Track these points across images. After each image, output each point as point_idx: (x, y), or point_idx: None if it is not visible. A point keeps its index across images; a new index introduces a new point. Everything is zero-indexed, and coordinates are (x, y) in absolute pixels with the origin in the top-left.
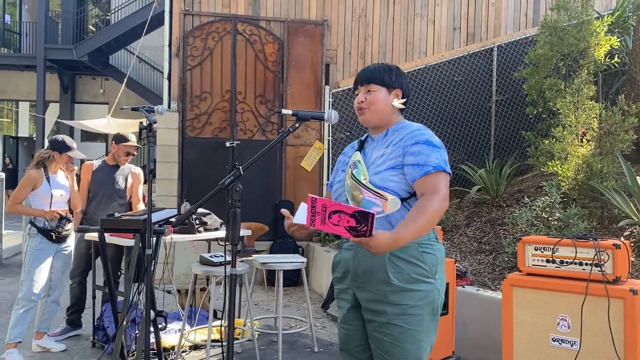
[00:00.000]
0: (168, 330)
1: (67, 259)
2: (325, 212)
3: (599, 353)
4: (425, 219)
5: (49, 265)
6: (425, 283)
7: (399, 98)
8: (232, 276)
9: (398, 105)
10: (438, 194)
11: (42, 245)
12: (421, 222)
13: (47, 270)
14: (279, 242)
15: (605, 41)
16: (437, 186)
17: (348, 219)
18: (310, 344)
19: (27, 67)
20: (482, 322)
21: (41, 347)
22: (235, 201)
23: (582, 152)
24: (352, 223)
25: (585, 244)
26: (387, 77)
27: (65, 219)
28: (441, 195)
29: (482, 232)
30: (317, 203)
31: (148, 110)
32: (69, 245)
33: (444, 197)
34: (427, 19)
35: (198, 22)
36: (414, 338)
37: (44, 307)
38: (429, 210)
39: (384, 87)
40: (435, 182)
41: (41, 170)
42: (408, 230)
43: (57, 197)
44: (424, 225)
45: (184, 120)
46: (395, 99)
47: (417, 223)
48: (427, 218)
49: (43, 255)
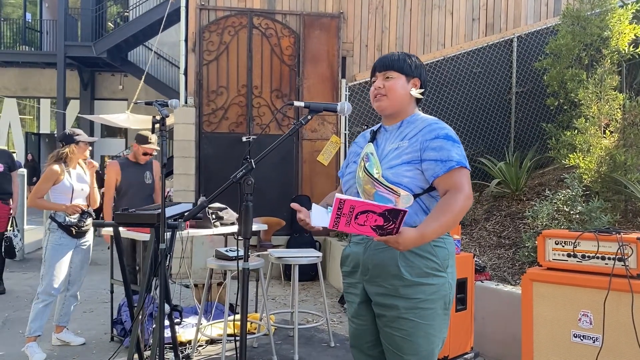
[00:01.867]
0: (185, 325)
1: (86, 253)
2: (352, 213)
3: (622, 350)
4: (451, 217)
5: (68, 260)
6: (437, 277)
7: (417, 88)
8: (244, 270)
9: (416, 95)
10: (463, 192)
11: (62, 240)
12: (446, 220)
13: (67, 265)
14: (296, 236)
15: (630, 30)
16: (461, 184)
17: (376, 218)
18: (326, 339)
19: (47, 64)
20: (502, 317)
21: (61, 341)
22: (247, 195)
23: (605, 143)
24: (379, 222)
25: (607, 237)
26: (406, 65)
27: (86, 214)
28: (466, 194)
29: (502, 226)
30: (345, 205)
31: (161, 105)
32: (87, 240)
33: (469, 195)
34: (445, 10)
35: (214, 17)
36: (426, 332)
37: (63, 301)
38: (454, 208)
39: (403, 74)
40: (459, 179)
41: (62, 165)
42: (433, 227)
43: (78, 192)
44: (449, 223)
45: (201, 116)
46: (414, 88)
47: (442, 220)
48: (452, 215)
49: (63, 250)
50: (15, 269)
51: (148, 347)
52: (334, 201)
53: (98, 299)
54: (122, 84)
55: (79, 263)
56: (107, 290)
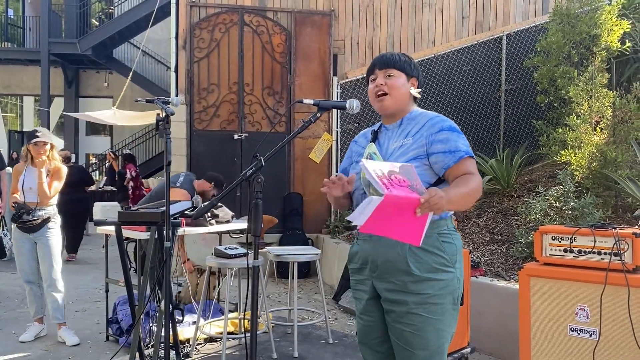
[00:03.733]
0: (183, 323)
1: (44, 248)
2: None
3: (618, 343)
4: (470, 190)
5: (30, 254)
6: (445, 272)
7: (415, 87)
8: (254, 268)
9: (415, 94)
10: (477, 176)
11: (16, 234)
12: (466, 191)
13: (28, 258)
14: (289, 234)
15: (618, 26)
16: (473, 170)
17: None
18: (324, 336)
19: (31, 61)
20: (497, 312)
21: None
22: (257, 192)
23: (595, 140)
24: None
25: (604, 233)
26: (406, 64)
27: (23, 209)
28: (480, 179)
29: (494, 223)
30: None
31: (164, 102)
32: (42, 235)
33: (481, 180)
34: (435, 8)
35: (205, 14)
36: (435, 327)
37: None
38: (471, 186)
39: (404, 73)
40: (469, 168)
41: (25, 163)
42: (455, 192)
43: (27, 190)
44: (467, 195)
45: (192, 113)
46: (412, 87)
47: (463, 190)
48: (470, 189)
49: (18, 244)
50: (4, 269)
51: (146, 346)
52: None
53: (90, 299)
54: (107, 82)
55: (41, 257)
56: (99, 290)
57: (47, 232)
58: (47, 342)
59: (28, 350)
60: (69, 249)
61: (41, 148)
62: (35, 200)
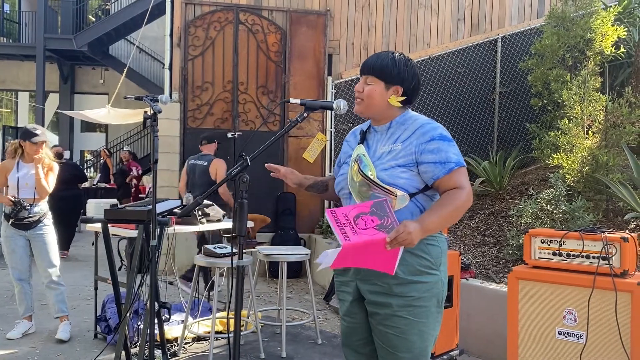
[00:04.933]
0: (171, 322)
1: (40, 244)
2: (349, 220)
3: (605, 347)
4: (450, 211)
5: (22, 250)
6: (430, 275)
7: (398, 95)
8: (239, 268)
9: (394, 104)
10: (465, 190)
11: (7, 231)
12: (446, 213)
13: (21, 255)
14: (281, 233)
15: (612, 31)
16: (462, 182)
17: (371, 219)
18: (313, 336)
19: (26, 57)
20: (487, 314)
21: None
22: (242, 192)
23: (587, 144)
24: (376, 221)
25: (592, 236)
26: (387, 71)
27: (20, 206)
28: (468, 191)
29: (486, 225)
30: (338, 214)
31: (152, 100)
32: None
33: (470, 192)
34: (431, 9)
35: (200, 12)
36: (419, 330)
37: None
38: (456, 203)
39: (382, 81)
40: (459, 179)
41: (13, 159)
42: (433, 218)
43: (23, 186)
44: (449, 216)
45: (185, 111)
46: (394, 95)
47: (443, 213)
48: (452, 210)
49: (10, 241)
50: None
51: (133, 344)
52: (328, 216)
53: (80, 296)
54: (102, 78)
55: (37, 254)
56: (88, 287)
57: (43, 229)
58: (35, 339)
59: (15, 347)
60: (60, 245)
61: (39, 147)
62: (32, 196)
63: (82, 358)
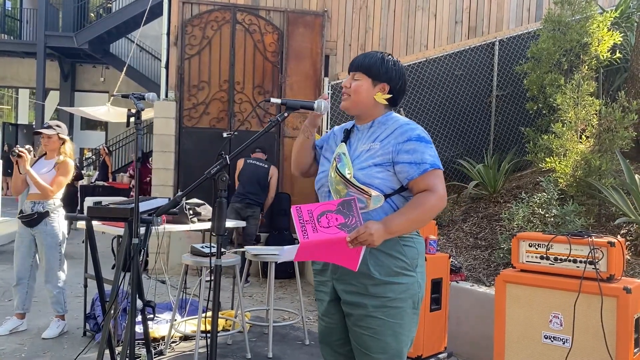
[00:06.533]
0: (159, 321)
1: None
2: (312, 218)
3: (590, 351)
4: (419, 214)
5: (27, 250)
6: (406, 276)
7: (384, 93)
8: (217, 267)
9: (380, 101)
10: (437, 193)
11: (18, 228)
12: (414, 216)
13: (24, 254)
14: (275, 234)
15: (609, 36)
16: (435, 185)
17: (336, 217)
18: (301, 337)
19: (27, 54)
20: (476, 317)
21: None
22: (221, 191)
23: (580, 148)
24: (340, 219)
25: (579, 241)
26: (375, 68)
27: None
28: (440, 194)
29: (479, 228)
30: (302, 211)
31: (137, 98)
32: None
33: (443, 196)
34: (428, 11)
35: (197, 11)
36: (394, 331)
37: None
38: (425, 206)
39: (370, 78)
40: (432, 181)
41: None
42: (399, 221)
43: (30, 183)
44: (417, 219)
45: (182, 110)
46: (380, 92)
47: (410, 216)
48: (420, 213)
49: (17, 238)
50: None
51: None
52: (292, 213)
53: (72, 293)
54: (103, 76)
55: (39, 252)
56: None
57: (46, 227)
58: (24, 336)
59: (3, 344)
60: None
61: (44, 140)
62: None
63: (70, 356)
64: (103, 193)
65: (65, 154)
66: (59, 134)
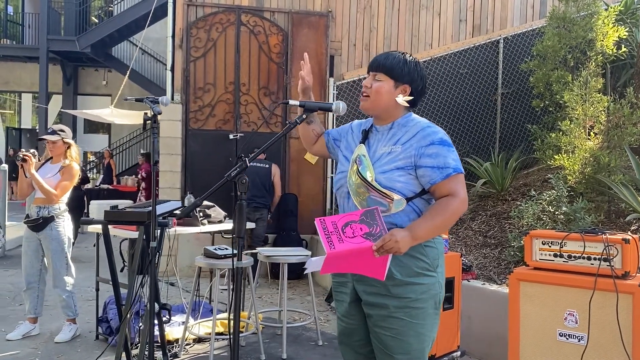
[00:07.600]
0: (172, 323)
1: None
2: (337, 229)
3: (606, 348)
4: (443, 219)
5: (34, 254)
6: (427, 276)
7: (406, 94)
8: (238, 269)
9: (401, 102)
10: (459, 197)
11: (25, 232)
12: (439, 222)
13: (32, 259)
14: (283, 235)
15: (613, 31)
16: (457, 190)
17: (360, 227)
18: (314, 338)
19: (29, 58)
20: (488, 316)
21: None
22: (241, 193)
23: (589, 145)
24: (365, 229)
25: (593, 238)
26: (398, 69)
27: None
28: (462, 198)
29: (488, 226)
30: (327, 222)
31: (152, 102)
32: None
33: (465, 199)
34: (432, 10)
35: (202, 13)
36: (417, 332)
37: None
38: (448, 211)
39: (392, 79)
40: (455, 186)
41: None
42: (424, 227)
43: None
44: (441, 224)
45: (187, 112)
46: (402, 94)
47: (435, 222)
48: (444, 218)
49: (25, 243)
50: None
51: (135, 345)
52: (317, 225)
53: (82, 297)
54: (105, 80)
55: (46, 257)
56: (91, 288)
57: (51, 232)
58: (37, 340)
59: (17, 348)
60: None
61: (49, 145)
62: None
63: (83, 359)
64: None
65: (71, 158)
66: (63, 138)
